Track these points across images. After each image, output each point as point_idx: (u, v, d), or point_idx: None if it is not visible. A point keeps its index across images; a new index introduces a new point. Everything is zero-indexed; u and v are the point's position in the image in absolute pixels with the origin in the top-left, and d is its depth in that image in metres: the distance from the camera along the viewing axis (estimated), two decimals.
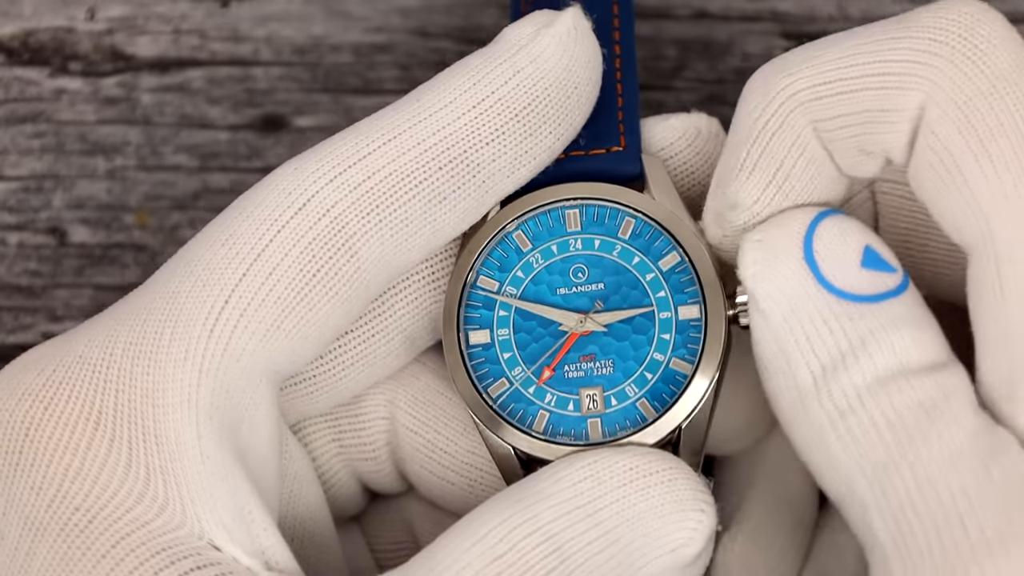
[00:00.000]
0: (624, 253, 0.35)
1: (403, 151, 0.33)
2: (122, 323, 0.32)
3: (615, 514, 0.31)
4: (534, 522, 0.31)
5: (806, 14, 0.46)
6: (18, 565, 0.30)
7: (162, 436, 0.31)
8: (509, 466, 0.35)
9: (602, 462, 0.32)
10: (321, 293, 0.33)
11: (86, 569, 0.30)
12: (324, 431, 0.37)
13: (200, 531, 0.31)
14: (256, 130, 0.45)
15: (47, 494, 0.31)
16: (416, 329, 0.36)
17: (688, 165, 0.37)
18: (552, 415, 0.35)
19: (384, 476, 0.38)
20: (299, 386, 0.35)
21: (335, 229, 0.33)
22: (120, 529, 0.30)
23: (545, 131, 0.35)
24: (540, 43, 0.34)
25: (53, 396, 0.32)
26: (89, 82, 0.46)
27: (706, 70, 0.45)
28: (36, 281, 0.44)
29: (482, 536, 0.30)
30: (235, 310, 0.32)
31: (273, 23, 0.46)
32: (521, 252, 0.36)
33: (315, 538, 0.36)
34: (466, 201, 0.34)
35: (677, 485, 0.33)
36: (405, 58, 0.46)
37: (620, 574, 0.31)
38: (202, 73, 0.46)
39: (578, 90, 0.35)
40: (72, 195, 0.45)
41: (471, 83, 0.34)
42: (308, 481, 0.36)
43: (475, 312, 0.35)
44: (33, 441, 0.31)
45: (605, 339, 0.35)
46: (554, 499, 0.31)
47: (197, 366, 0.31)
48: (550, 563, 0.30)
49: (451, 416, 0.37)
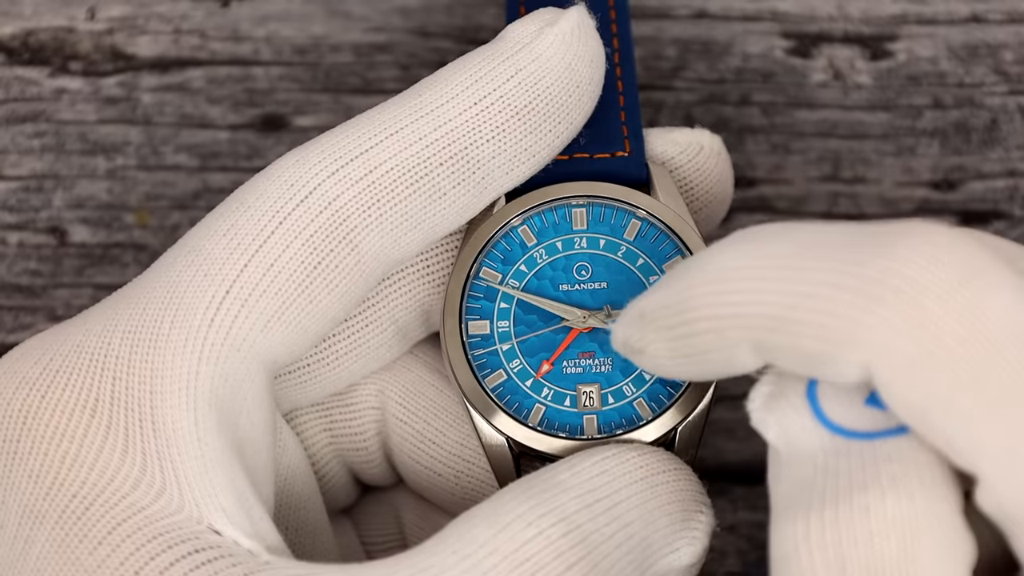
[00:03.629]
0: (628, 254, 0.36)
1: (405, 146, 0.33)
2: (121, 312, 0.32)
3: (630, 509, 0.32)
4: (560, 512, 0.31)
5: (806, 14, 0.46)
6: (17, 552, 0.30)
7: (159, 422, 0.31)
8: (501, 459, 0.35)
9: (615, 457, 0.32)
10: (321, 285, 0.33)
11: (84, 554, 0.30)
12: (316, 421, 0.37)
13: (199, 515, 0.31)
14: (256, 130, 0.45)
15: (45, 481, 0.31)
16: (409, 321, 0.36)
17: (688, 180, 0.37)
18: (548, 409, 0.35)
19: (375, 467, 0.38)
20: (292, 375, 0.35)
21: (336, 222, 0.33)
22: (118, 514, 0.30)
23: (546, 129, 0.35)
24: (543, 41, 0.34)
25: (50, 384, 0.32)
26: (89, 82, 0.46)
27: (706, 70, 0.45)
28: (36, 281, 0.44)
29: (508, 523, 0.30)
30: (236, 300, 0.32)
31: (273, 23, 0.46)
32: (526, 247, 0.36)
33: (308, 527, 0.36)
34: (465, 197, 0.34)
35: (681, 485, 0.33)
36: (405, 58, 0.46)
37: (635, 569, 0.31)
38: (202, 73, 0.46)
39: (580, 89, 0.35)
40: (72, 195, 0.45)
41: (473, 80, 0.34)
42: (301, 471, 0.36)
43: (476, 303, 0.35)
44: (30, 429, 0.31)
45: (605, 337, 0.35)
46: (575, 491, 0.31)
47: (197, 354, 0.31)
48: (577, 553, 0.30)
49: (441, 408, 0.37)
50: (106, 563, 0.30)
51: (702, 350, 0.30)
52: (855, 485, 0.29)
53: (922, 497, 0.28)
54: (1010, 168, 0.45)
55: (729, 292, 0.29)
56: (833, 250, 0.29)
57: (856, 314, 0.28)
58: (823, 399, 0.30)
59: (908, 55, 0.46)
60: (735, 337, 0.29)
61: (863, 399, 0.30)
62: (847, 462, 0.29)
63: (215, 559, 0.30)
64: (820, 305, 0.28)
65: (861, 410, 0.30)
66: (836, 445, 0.29)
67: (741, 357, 0.30)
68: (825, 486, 0.29)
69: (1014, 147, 0.45)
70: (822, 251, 0.29)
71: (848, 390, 0.30)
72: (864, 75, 0.45)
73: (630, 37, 0.38)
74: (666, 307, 0.30)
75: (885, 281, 0.28)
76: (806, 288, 0.28)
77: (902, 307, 0.28)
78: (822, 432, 0.30)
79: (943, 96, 0.45)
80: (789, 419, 0.30)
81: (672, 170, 0.37)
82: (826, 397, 0.30)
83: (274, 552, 0.31)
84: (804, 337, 0.29)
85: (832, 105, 0.45)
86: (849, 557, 0.28)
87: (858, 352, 0.28)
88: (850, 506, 0.28)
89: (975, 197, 0.45)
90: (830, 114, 0.45)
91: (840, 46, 0.46)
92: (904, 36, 0.46)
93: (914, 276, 0.28)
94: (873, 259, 0.28)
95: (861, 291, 0.28)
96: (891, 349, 0.28)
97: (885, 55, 0.46)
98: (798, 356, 0.29)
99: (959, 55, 0.46)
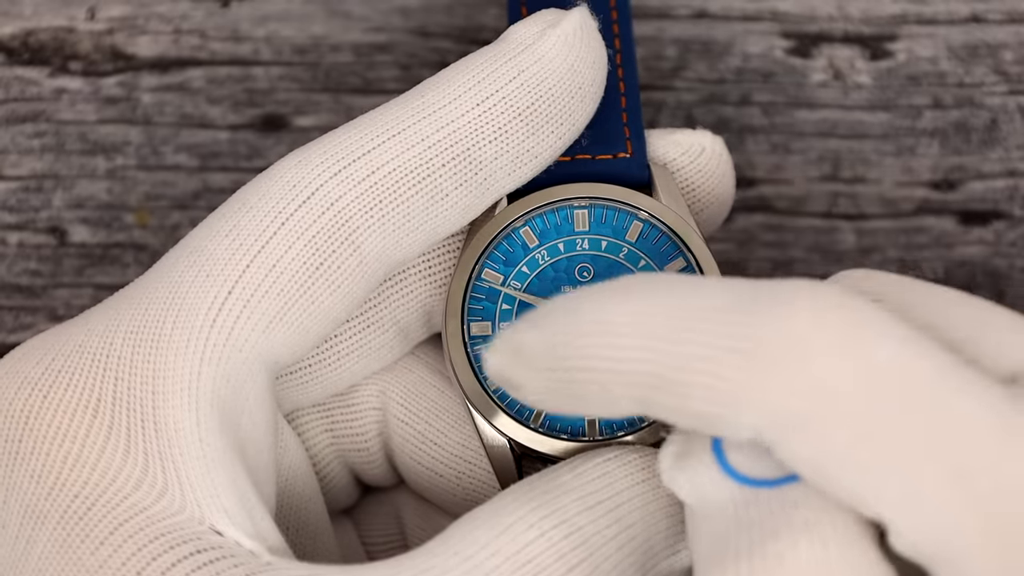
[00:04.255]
0: (630, 256, 0.35)
1: (408, 147, 0.33)
2: (122, 312, 0.32)
3: (631, 511, 0.32)
4: (561, 513, 0.31)
5: (806, 14, 0.46)
6: (19, 553, 0.30)
7: (161, 422, 0.31)
8: (502, 460, 0.35)
9: (617, 459, 0.32)
10: (324, 286, 0.33)
11: (86, 555, 0.30)
12: (317, 421, 0.37)
13: (200, 516, 0.31)
14: (256, 130, 0.45)
15: (46, 482, 0.31)
16: (411, 321, 0.36)
17: (689, 181, 0.37)
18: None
19: (376, 468, 0.38)
20: (293, 376, 0.35)
21: (339, 223, 0.33)
22: (119, 515, 0.30)
23: (548, 130, 0.35)
24: (546, 42, 0.34)
25: (52, 384, 0.32)
26: (89, 82, 0.46)
27: (706, 70, 0.45)
28: (36, 281, 0.44)
29: (510, 524, 0.30)
30: (238, 301, 0.32)
31: (273, 23, 0.46)
32: (527, 248, 0.36)
33: (309, 528, 0.36)
34: (467, 198, 0.34)
35: None
36: (405, 58, 0.46)
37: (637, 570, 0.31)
38: (202, 73, 0.46)
39: (582, 90, 0.35)
40: (72, 195, 0.45)
41: (476, 81, 0.34)
42: (303, 471, 0.36)
43: (478, 304, 0.35)
44: (32, 429, 0.31)
45: None
46: (576, 493, 0.31)
47: (199, 355, 0.31)
48: (579, 555, 0.30)
49: (443, 409, 0.37)
50: (108, 563, 0.30)
51: (583, 396, 0.29)
52: (767, 534, 0.28)
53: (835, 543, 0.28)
54: (1010, 168, 0.45)
55: (613, 346, 0.29)
56: (719, 311, 0.28)
57: (743, 377, 0.28)
58: (729, 451, 0.30)
59: (908, 55, 0.46)
60: (618, 393, 0.29)
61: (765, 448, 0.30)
62: (757, 511, 0.29)
63: (217, 560, 0.30)
64: (707, 367, 0.28)
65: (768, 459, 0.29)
66: (745, 496, 0.29)
67: (625, 408, 0.29)
68: (739, 538, 0.29)
69: (1014, 147, 0.45)
70: (708, 311, 0.28)
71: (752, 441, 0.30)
72: (864, 75, 0.45)
73: (632, 38, 0.38)
74: (544, 350, 0.29)
75: (772, 342, 0.28)
76: (692, 350, 0.28)
77: (789, 369, 0.27)
78: (731, 484, 0.30)
79: (943, 96, 0.45)
80: (699, 475, 0.30)
81: (674, 171, 0.37)
82: (732, 449, 0.30)
83: (276, 553, 0.31)
84: (692, 399, 0.28)
85: (832, 105, 0.45)
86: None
87: (747, 414, 0.28)
88: (763, 555, 0.28)
89: (975, 197, 0.45)
90: (830, 114, 0.45)
91: (840, 46, 0.46)
92: (904, 36, 0.46)
93: (799, 338, 0.28)
94: (760, 320, 0.28)
95: (748, 353, 0.28)
96: (780, 410, 0.28)
97: (885, 55, 0.46)
98: (687, 416, 0.29)
99: (959, 55, 0.46)
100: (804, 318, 0.28)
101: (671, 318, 0.28)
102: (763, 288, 0.29)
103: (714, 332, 0.28)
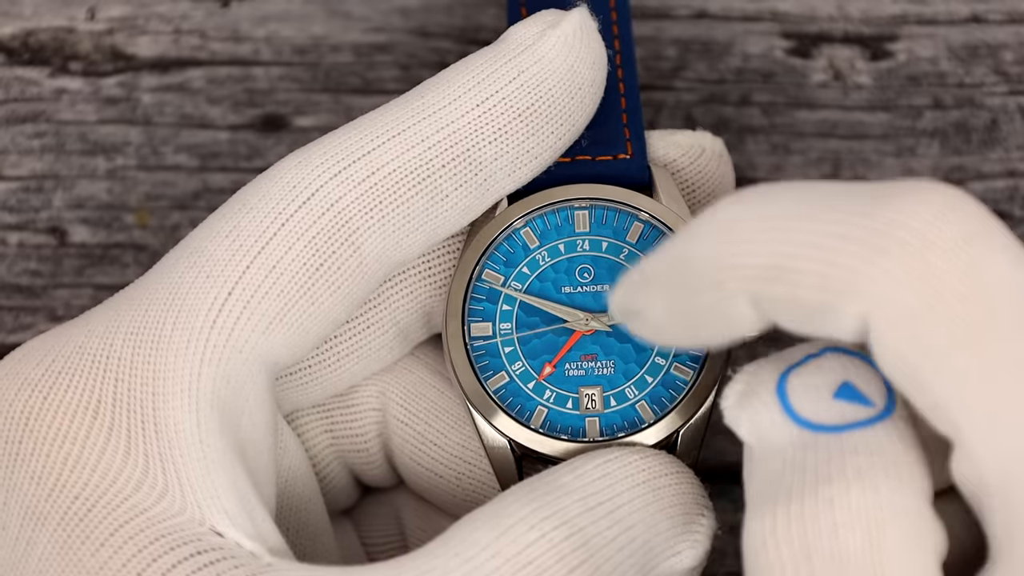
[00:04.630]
0: (631, 257, 0.36)
1: (408, 148, 0.33)
2: (123, 313, 0.32)
3: (632, 512, 0.32)
4: (562, 514, 0.31)
5: (806, 14, 0.46)
6: (19, 554, 0.30)
7: (161, 424, 0.31)
8: (502, 461, 0.35)
9: (618, 460, 0.32)
10: (324, 287, 0.33)
11: (87, 556, 0.30)
12: (317, 422, 0.37)
13: (201, 517, 0.31)
14: (256, 130, 0.45)
15: (47, 483, 0.31)
16: (411, 322, 0.36)
17: (690, 182, 0.37)
18: (550, 411, 0.35)
19: (375, 468, 0.38)
20: (293, 376, 0.35)
21: (339, 224, 0.33)
22: (120, 516, 0.30)
23: (548, 131, 0.35)
24: (545, 43, 0.34)
25: (52, 385, 0.32)
26: (89, 82, 0.46)
27: (706, 70, 0.45)
28: (36, 281, 0.44)
29: (510, 525, 0.30)
30: (238, 302, 0.32)
31: (273, 23, 0.46)
32: (528, 249, 0.36)
33: (309, 529, 0.36)
34: (467, 199, 0.34)
35: (683, 489, 0.33)
36: (405, 58, 0.46)
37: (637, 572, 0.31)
38: (202, 73, 0.46)
39: (582, 91, 0.35)
40: (72, 195, 0.45)
41: (476, 81, 0.34)
42: (302, 472, 0.36)
43: (478, 305, 0.35)
44: (32, 431, 0.31)
45: (608, 340, 0.35)
46: (577, 494, 0.31)
47: (199, 356, 0.31)
48: (579, 556, 0.30)
49: (442, 409, 0.37)
50: (108, 565, 0.30)
51: (700, 306, 0.30)
52: (820, 478, 0.29)
53: (887, 489, 0.28)
54: (1010, 168, 0.45)
55: (730, 243, 0.29)
56: (838, 202, 0.29)
57: (858, 264, 0.28)
58: (792, 394, 0.30)
59: (908, 55, 0.46)
60: (733, 288, 0.29)
61: (832, 393, 0.30)
62: (814, 456, 0.29)
63: (217, 561, 0.30)
64: (821, 255, 0.28)
65: (830, 404, 0.30)
66: (804, 439, 0.29)
67: (739, 312, 0.29)
68: (792, 480, 0.29)
69: (1014, 147, 0.45)
70: (827, 203, 0.29)
71: (818, 384, 0.30)
72: (864, 75, 0.45)
73: (631, 38, 0.38)
74: (666, 264, 0.30)
75: (890, 233, 0.28)
76: (808, 238, 0.28)
77: (905, 259, 0.28)
78: (791, 427, 0.30)
79: (943, 96, 0.45)
80: (760, 415, 0.30)
81: (674, 172, 0.37)
82: (795, 392, 0.30)
83: (276, 554, 0.31)
84: (803, 287, 0.28)
85: (832, 105, 0.45)
86: (815, 549, 0.28)
87: (857, 303, 0.28)
88: (815, 499, 0.28)
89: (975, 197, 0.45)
90: (830, 114, 0.45)
91: (840, 46, 0.46)
92: (904, 36, 0.46)
93: (920, 230, 0.28)
94: (879, 211, 0.28)
95: (865, 242, 0.28)
96: (891, 300, 0.28)
97: (885, 55, 0.46)
98: (796, 308, 0.29)
99: (959, 55, 0.46)
100: (929, 209, 0.28)
101: (789, 213, 0.29)
102: (885, 185, 0.29)
103: (831, 222, 0.28)
